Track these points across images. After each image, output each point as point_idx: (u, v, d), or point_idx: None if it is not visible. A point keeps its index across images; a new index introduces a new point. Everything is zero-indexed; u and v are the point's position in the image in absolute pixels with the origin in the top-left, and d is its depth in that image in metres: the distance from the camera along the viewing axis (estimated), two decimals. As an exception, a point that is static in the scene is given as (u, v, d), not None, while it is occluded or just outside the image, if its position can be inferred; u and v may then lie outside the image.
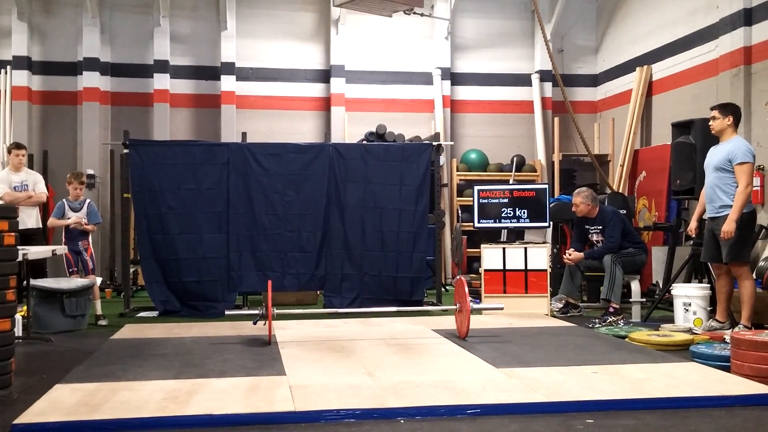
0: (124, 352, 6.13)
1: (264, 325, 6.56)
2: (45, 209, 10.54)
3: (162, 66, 12.76)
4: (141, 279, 10.02)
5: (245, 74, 13.14)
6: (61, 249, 7.86)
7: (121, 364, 5.60)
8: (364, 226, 9.13)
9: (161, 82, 12.76)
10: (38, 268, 8.62)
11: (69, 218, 8.32)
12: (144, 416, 4.11)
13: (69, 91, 12.70)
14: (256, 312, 6.62)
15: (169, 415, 4.13)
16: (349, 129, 12.94)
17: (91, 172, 12.37)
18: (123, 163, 9.18)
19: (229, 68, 12.95)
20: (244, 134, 10.64)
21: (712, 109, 7.19)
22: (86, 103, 12.55)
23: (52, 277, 8.84)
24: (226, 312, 7.41)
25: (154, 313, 8.69)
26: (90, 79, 12.56)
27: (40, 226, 9.16)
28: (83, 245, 8.36)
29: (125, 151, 8.99)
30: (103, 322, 8.02)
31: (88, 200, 8.56)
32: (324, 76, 13.35)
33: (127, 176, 8.99)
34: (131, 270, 9.91)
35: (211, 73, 13.10)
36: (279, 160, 9.08)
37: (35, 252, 6.94)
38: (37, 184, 8.91)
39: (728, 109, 7.09)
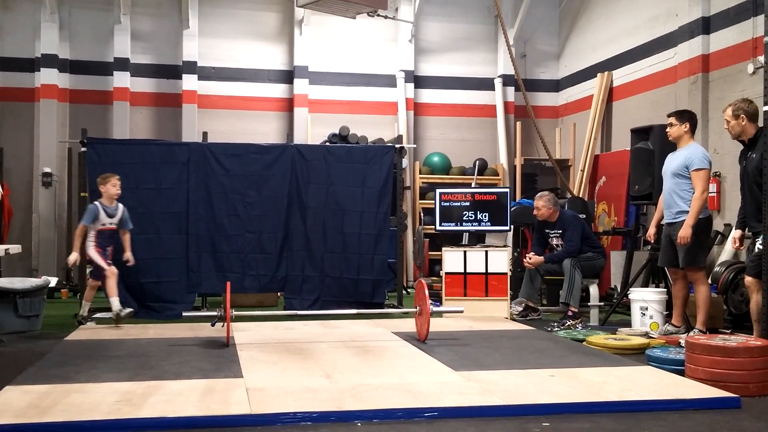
0: (78, 354, 6.02)
1: (222, 326, 6.50)
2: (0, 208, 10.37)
3: (122, 64, 12.62)
4: (98, 279, 9.84)
5: (207, 73, 13.05)
6: (15, 248, 7.70)
7: (74, 365, 5.50)
8: (325, 228, 9.10)
9: (121, 80, 12.61)
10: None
11: (103, 224, 7.85)
12: (96, 419, 4.04)
13: (26, 88, 12.47)
14: (215, 313, 6.55)
15: (122, 418, 4.06)
16: (312, 130, 12.90)
17: (47, 170, 12.18)
18: (81, 162, 9.02)
19: (190, 67, 12.85)
20: (205, 134, 10.52)
21: (669, 116, 7.29)
22: (44, 101, 12.36)
23: (6, 276, 8.66)
24: (184, 313, 7.32)
25: (111, 314, 8.54)
26: (48, 76, 12.38)
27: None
28: (110, 251, 7.95)
29: (83, 149, 8.83)
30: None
31: (120, 205, 8.06)
32: (287, 76, 13.30)
33: (85, 175, 8.84)
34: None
35: (173, 71, 12.97)
36: (240, 161, 9.02)
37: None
38: (-9, 182, 8.73)
39: (685, 116, 7.19)
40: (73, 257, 7.76)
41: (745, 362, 4.87)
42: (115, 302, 7.71)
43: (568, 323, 7.93)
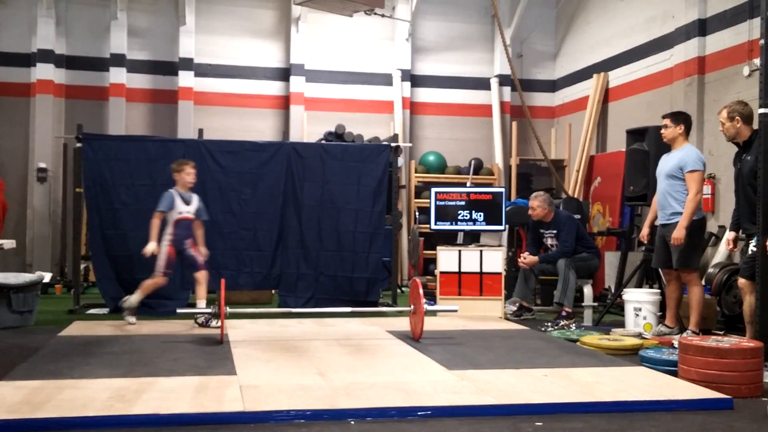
0: (72, 350, 6.00)
1: (216, 324, 6.49)
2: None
3: (118, 60, 12.59)
4: (92, 275, 9.84)
5: (204, 70, 13.02)
6: (9, 243, 7.66)
7: (67, 361, 5.49)
8: (320, 226, 9.10)
9: (117, 76, 12.59)
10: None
11: (180, 213, 7.50)
12: (89, 415, 4.03)
13: (22, 83, 12.44)
14: (209, 311, 6.55)
15: (114, 414, 4.05)
16: (307, 128, 12.89)
17: (42, 165, 12.15)
18: (76, 158, 9.01)
19: (187, 64, 12.83)
20: (200, 131, 10.53)
21: (663, 117, 7.30)
22: (39, 96, 12.33)
23: (0, 272, 8.63)
24: (179, 310, 7.29)
25: (105, 310, 8.55)
26: (44, 72, 12.34)
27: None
28: (189, 243, 7.62)
29: (78, 145, 8.82)
30: (213, 322, 7.27)
31: (195, 194, 7.76)
32: (283, 74, 13.28)
33: (80, 171, 8.84)
34: (82, 266, 9.73)
35: (169, 68, 12.95)
36: (236, 158, 9.01)
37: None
38: (-14, 177, 8.70)
39: (680, 118, 7.21)
40: (151, 247, 7.35)
41: (738, 364, 4.88)
42: (134, 297, 7.52)
43: (562, 323, 7.94)
